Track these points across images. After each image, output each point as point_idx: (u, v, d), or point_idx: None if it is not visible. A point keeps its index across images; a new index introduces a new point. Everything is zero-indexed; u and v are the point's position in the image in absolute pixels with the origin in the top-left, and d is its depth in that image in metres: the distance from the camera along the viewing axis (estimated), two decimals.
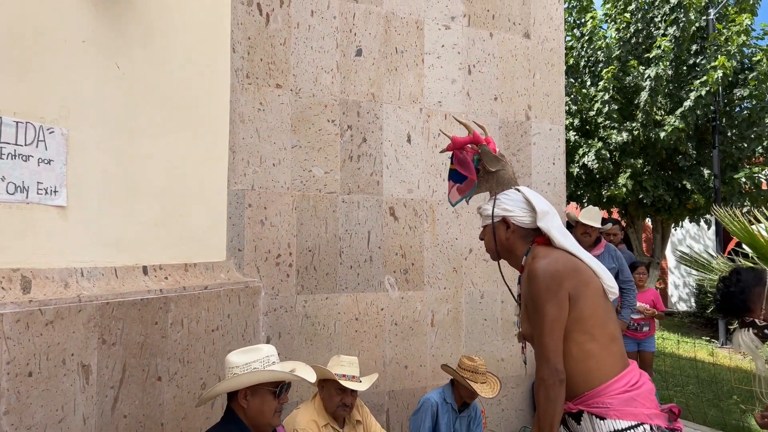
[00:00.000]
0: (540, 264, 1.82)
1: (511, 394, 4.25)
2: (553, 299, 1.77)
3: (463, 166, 2.07)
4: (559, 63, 4.56)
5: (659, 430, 1.75)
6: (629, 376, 1.81)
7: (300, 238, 3.51)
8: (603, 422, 1.75)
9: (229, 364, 2.07)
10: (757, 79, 9.17)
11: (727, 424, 4.92)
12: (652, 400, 1.81)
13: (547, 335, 1.77)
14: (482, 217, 2.09)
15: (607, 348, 1.81)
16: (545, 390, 1.76)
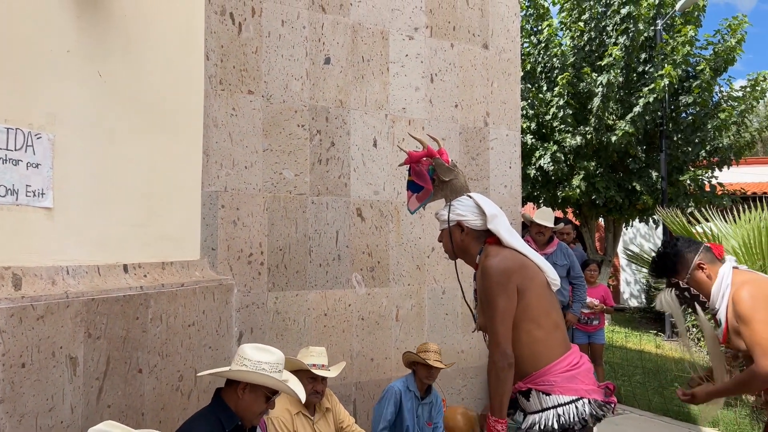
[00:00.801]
0: (491, 262, 2.06)
1: (470, 384, 4.51)
2: (504, 293, 2.01)
3: (419, 178, 2.29)
4: (516, 72, 4.84)
5: (596, 402, 2.01)
6: (571, 358, 2.06)
7: (271, 237, 3.68)
8: (548, 397, 2.00)
9: (243, 354, 2.23)
10: (701, 87, 9.73)
11: (670, 410, 5.30)
12: (590, 378, 2.06)
13: (498, 324, 2.01)
14: (439, 222, 2.32)
15: (551, 334, 2.06)
16: (496, 372, 2.00)
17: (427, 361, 3.54)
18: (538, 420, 2.01)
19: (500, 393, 2.01)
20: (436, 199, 2.40)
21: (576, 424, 1.98)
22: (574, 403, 2.00)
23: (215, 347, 3.22)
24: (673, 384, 5.84)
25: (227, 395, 2.29)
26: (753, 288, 2.34)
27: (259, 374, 2.22)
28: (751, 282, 2.39)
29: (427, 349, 3.63)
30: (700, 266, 2.47)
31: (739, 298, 2.32)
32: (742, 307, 2.29)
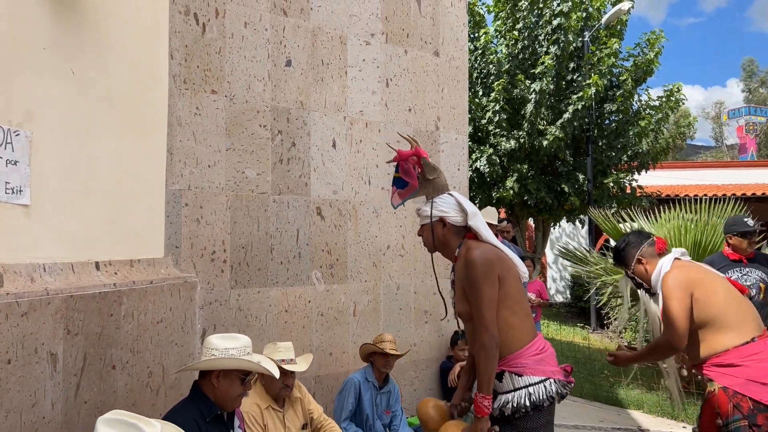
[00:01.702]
0: (475, 254, 2.25)
1: (422, 375, 4.73)
2: (488, 281, 2.21)
3: (407, 175, 2.45)
4: (464, 79, 5.10)
5: (560, 382, 2.25)
6: (539, 343, 2.30)
7: (234, 235, 3.74)
8: (520, 378, 2.23)
9: (209, 345, 2.31)
10: (623, 96, 10.45)
11: (600, 396, 5.73)
12: (554, 361, 2.31)
13: (485, 309, 2.20)
14: (421, 218, 2.49)
15: (523, 321, 2.29)
16: (485, 352, 2.19)
17: (383, 350, 3.73)
18: (511, 399, 2.22)
19: (488, 371, 2.20)
20: (418, 196, 2.56)
21: (545, 402, 2.21)
22: (542, 383, 2.23)
23: (181, 344, 3.26)
24: (602, 372, 6.30)
25: (204, 386, 2.37)
26: (677, 274, 2.74)
27: (230, 359, 2.32)
28: (679, 269, 2.79)
29: (383, 339, 3.82)
30: (639, 260, 2.86)
31: (664, 282, 2.75)
32: (664, 289, 2.73)
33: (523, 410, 2.21)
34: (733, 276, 4.22)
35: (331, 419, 3.46)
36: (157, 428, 1.74)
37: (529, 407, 2.20)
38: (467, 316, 2.33)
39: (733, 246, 4.32)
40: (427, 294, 4.79)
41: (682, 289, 2.70)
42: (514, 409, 2.21)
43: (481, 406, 2.20)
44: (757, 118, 32.91)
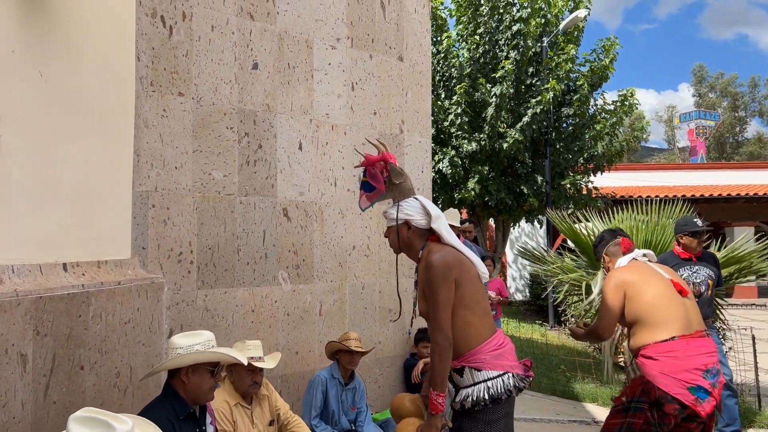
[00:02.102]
0: (435, 257, 2.37)
1: (387, 372, 4.84)
2: (445, 284, 2.32)
3: (374, 179, 2.55)
4: (427, 84, 5.24)
5: (518, 376, 2.39)
6: (497, 339, 2.43)
7: (200, 236, 3.77)
8: (480, 373, 2.35)
9: (173, 345, 2.37)
10: (580, 101, 10.80)
11: (557, 390, 5.96)
12: (513, 355, 2.44)
13: (440, 311, 2.32)
14: (387, 220, 2.59)
15: (481, 319, 2.41)
16: (439, 352, 2.30)
17: (349, 347, 3.83)
18: (471, 393, 2.35)
19: (442, 370, 2.31)
20: (385, 200, 2.66)
21: (503, 395, 2.34)
22: (501, 377, 2.36)
23: (148, 344, 3.29)
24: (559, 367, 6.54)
25: (175, 384, 2.43)
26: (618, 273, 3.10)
27: (196, 354, 2.38)
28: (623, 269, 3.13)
29: (348, 337, 3.92)
30: (603, 258, 3.25)
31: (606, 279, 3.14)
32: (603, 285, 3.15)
33: (483, 403, 2.33)
34: (684, 274, 4.47)
35: (297, 416, 3.53)
36: (129, 424, 1.80)
37: (488, 400, 2.32)
38: (427, 315, 2.45)
39: (683, 245, 4.57)
40: (391, 293, 4.90)
41: (616, 287, 3.02)
42: (474, 403, 2.33)
43: (435, 404, 2.31)
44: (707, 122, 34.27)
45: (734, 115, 43.44)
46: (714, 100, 43.49)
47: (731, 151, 42.40)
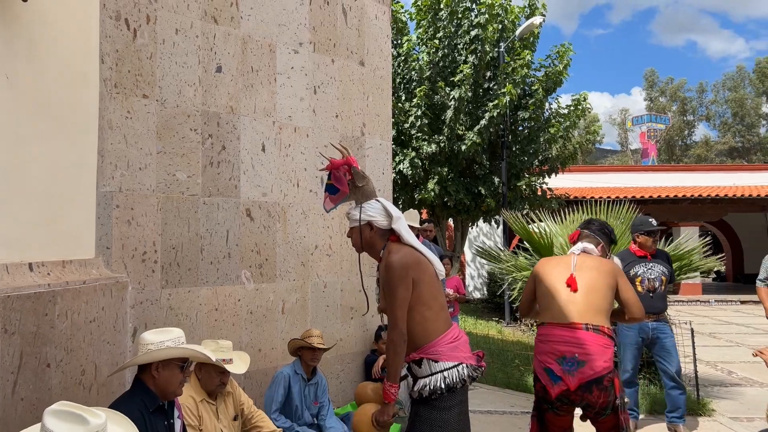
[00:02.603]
0: (394, 258, 2.52)
1: (348, 368, 4.97)
2: (403, 284, 2.48)
3: (338, 182, 2.68)
4: (388, 88, 5.39)
5: (471, 366, 2.56)
6: (453, 333, 2.60)
7: (164, 236, 3.83)
8: (436, 364, 2.51)
9: (144, 341, 2.45)
10: (535, 105, 11.15)
11: (511, 383, 6.20)
12: (467, 347, 2.62)
13: (397, 309, 2.47)
14: (350, 221, 2.72)
15: (438, 314, 2.58)
16: (394, 347, 2.47)
17: (311, 344, 3.95)
18: (428, 382, 2.51)
19: (396, 363, 2.48)
20: (348, 201, 2.79)
21: (458, 383, 2.51)
22: (456, 367, 2.53)
23: (113, 342, 3.34)
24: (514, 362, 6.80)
25: (145, 379, 2.51)
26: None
27: (167, 349, 2.47)
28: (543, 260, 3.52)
29: (310, 334, 4.04)
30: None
31: None
32: None
33: (439, 392, 2.50)
34: (639, 270, 4.75)
35: (260, 411, 3.64)
36: (102, 418, 1.88)
37: (444, 389, 2.49)
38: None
39: (639, 244, 4.85)
40: (353, 291, 5.04)
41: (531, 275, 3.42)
42: (431, 391, 2.50)
43: (388, 393, 2.48)
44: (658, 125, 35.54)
45: (683, 119, 45.20)
46: (664, 104, 45.15)
47: (680, 154, 44.10)
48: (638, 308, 3.16)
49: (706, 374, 6.78)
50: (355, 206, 2.72)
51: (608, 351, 3.01)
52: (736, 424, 5.06)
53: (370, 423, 2.54)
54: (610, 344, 3.03)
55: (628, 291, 3.18)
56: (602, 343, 3.01)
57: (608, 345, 3.02)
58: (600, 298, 3.13)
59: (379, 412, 2.50)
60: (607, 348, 3.01)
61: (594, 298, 3.13)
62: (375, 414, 2.53)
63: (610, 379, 2.98)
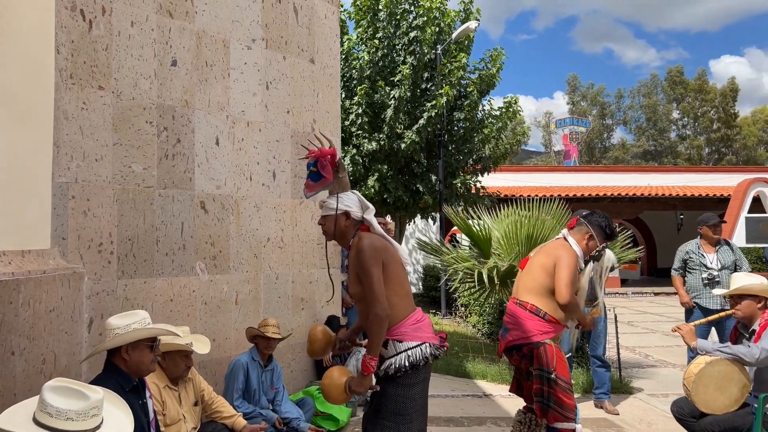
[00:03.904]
0: (366, 243, 2.70)
1: (299, 357, 5.12)
2: (376, 265, 2.67)
3: (324, 169, 2.81)
4: (336, 86, 5.57)
5: (434, 346, 2.77)
6: (416, 315, 2.80)
7: (120, 228, 3.85)
8: (401, 344, 2.71)
9: (110, 326, 2.53)
10: (470, 106, 11.60)
11: (451, 370, 6.52)
12: (430, 329, 2.83)
13: (375, 286, 2.65)
14: (325, 209, 2.85)
15: (403, 299, 2.77)
16: (378, 321, 2.62)
17: (266, 334, 4.08)
18: (393, 361, 2.70)
19: (378, 337, 2.64)
20: (326, 190, 2.93)
21: (421, 362, 2.70)
22: (419, 346, 2.72)
23: (70, 332, 3.36)
24: (453, 349, 7.13)
25: (116, 362, 2.59)
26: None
27: (135, 331, 2.56)
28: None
29: (266, 324, 4.17)
30: None
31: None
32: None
33: (404, 370, 2.69)
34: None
35: (220, 396, 3.74)
36: (100, 393, 1.98)
37: (408, 367, 2.68)
38: (359, 296, 2.78)
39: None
40: (303, 283, 5.19)
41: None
42: (396, 369, 2.69)
43: (367, 365, 2.64)
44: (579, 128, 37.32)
45: (602, 123, 47.73)
46: (585, 108, 47.50)
47: (599, 156, 46.55)
48: (560, 294, 3.29)
49: (626, 358, 7.37)
50: (331, 195, 2.87)
51: (528, 323, 3.37)
52: (653, 399, 5.59)
53: (342, 389, 2.66)
54: (531, 318, 3.38)
55: (558, 273, 3.36)
56: (524, 317, 3.41)
57: (529, 318, 3.38)
58: (530, 278, 3.49)
59: (356, 382, 2.66)
60: (527, 321, 3.38)
61: (527, 278, 3.52)
62: (351, 383, 2.67)
63: (530, 349, 3.31)
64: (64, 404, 1.84)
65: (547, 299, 3.40)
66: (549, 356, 3.31)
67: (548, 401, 3.28)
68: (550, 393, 3.28)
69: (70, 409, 1.85)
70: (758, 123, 43.75)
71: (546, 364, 3.30)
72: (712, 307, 5.22)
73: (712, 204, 18.60)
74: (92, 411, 1.89)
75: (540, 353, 3.32)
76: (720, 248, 5.48)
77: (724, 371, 3.39)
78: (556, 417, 3.26)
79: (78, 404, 1.85)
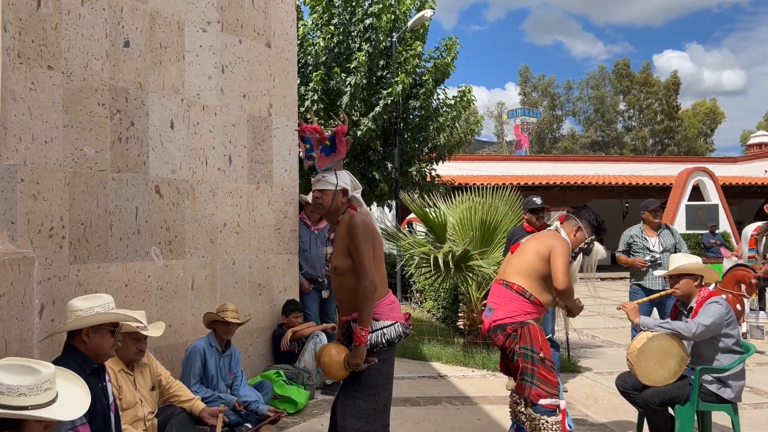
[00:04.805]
0: (358, 219, 2.82)
1: (256, 342, 5.13)
2: (368, 241, 2.80)
3: (340, 145, 2.90)
4: (293, 71, 5.55)
5: (403, 325, 2.92)
6: (390, 297, 2.96)
7: (72, 212, 3.76)
8: (377, 322, 2.86)
9: (73, 308, 2.50)
10: (425, 94, 11.70)
11: (407, 353, 6.65)
12: (400, 310, 2.97)
13: (366, 261, 2.78)
14: (324, 183, 2.89)
15: (382, 280, 2.93)
16: (367, 293, 2.77)
17: (225, 318, 4.09)
18: (372, 337, 2.83)
19: (369, 308, 2.78)
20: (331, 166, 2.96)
21: (395, 339, 2.88)
22: (393, 325, 2.89)
23: (21, 318, 3.29)
24: None
25: (76, 344, 2.56)
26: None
27: (96, 315, 2.55)
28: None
29: (225, 309, 4.17)
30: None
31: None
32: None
33: (381, 345, 2.84)
34: None
35: (178, 381, 3.73)
36: (51, 368, 1.97)
37: (384, 343, 2.84)
38: (343, 270, 2.87)
39: (527, 220, 5.46)
40: (260, 269, 5.19)
41: None
42: (374, 345, 2.84)
43: (360, 336, 2.77)
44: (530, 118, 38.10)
45: (552, 114, 48.84)
46: (536, 99, 48.49)
47: (549, 146, 47.67)
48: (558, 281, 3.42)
49: (574, 339, 7.66)
50: (329, 171, 2.91)
51: (513, 304, 3.50)
52: (600, 377, 5.85)
53: (342, 365, 2.79)
54: (517, 299, 3.50)
55: (553, 262, 3.46)
56: (509, 297, 3.53)
57: (514, 299, 3.51)
58: (522, 261, 3.60)
59: (351, 354, 2.79)
60: (512, 301, 3.50)
61: (517, 261, 3.64)
62: (347, 357, 2.79)
63: (514, 328, 3.44)
64: (15, 380, 1.83)
65: (534, 282, 3.52)
66: (533, 335, 3.45)
67: (533, 379, 3.42)
68: (534, 371, 3.43)
69: (22, 384, 1.84)
70: (698, 115, 45.66)
71: (530, 343, 3.44)
72: (655, 288, 5.49)
73: (655, 192, 19.38)
74: (45, 385, 1.88)
75: (524, 332, 3.46)
76: (661, 232, 5.75)
77: (664, 346, 3.60)
78: (541, 394, 3.40)
79: (29, 379, 1.84)
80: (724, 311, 3.60)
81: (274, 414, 4.11)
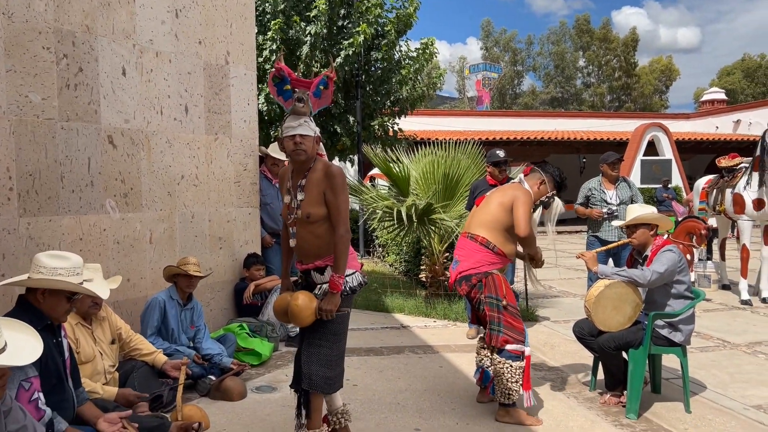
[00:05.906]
0: (336, 168, 2.81)
1: (218, 297, 5.08)
2: (346, 189, 2.82)
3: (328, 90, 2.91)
4: (251, 17, 5.33)
5: (362, 275, 3.00)
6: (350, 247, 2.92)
7: (19, 162, 3.58)
8: None
9: (38, 262, 2.38)
10: (387, 45, 11.47)
11: (370, 305, 6.71)
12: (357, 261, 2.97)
13: (344, 209, 2.81)
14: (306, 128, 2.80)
15: None
16: (344, 241, 2.80)
17: (188, 272, 4.02)
18: None
19: (344, 256, 2.80)
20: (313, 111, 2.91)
21: (357, 287, 2.93)
22: (354, 274, 2.94)
23: None
24: (372, 285, 7.32)
25: (31, 299, 2.46)
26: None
27: (55, 280, 2.43)
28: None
29: (187, 262, 4.10)
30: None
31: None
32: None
33: (345, 293, 2.86)
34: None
35: (138, 334, 3.67)
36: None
37: (348, 291, 2.88)
38: (316, 217, 2.82)
39: (490, 173, 5.47)
40: (221, 222, 5.09)
41: None
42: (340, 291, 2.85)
43: (336, 283, 2.78)
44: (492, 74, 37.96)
45: (513, 69, 48.84)
46: (498, 54, 48.30)
47: (510, 102, 47.85)
48: (520, 228, 3.49)
49: (532, 289, 7.86)
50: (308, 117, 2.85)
51: (477, 255, 3.57)
52: (556, 325, 6.04)
53: (313, 311, 2.77)
54: (481, 250, 3.58)
55: (516, 211, 3.53)
56: (474, 249, 3.60)
57: (479, 251, 3.58)
58: (486, 213, 3.66)
59: (326, 301, 2.78)
60: (477, 253, 3.58)
61: (482, 213, 3.69)
62: (320, 304, 2.78)
63: (479, 279, 3.51)
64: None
65: (498, 234, 3.59)
66: (497, 284, 3.54)
67: (499, 326, 3.51)
68: (500, 318, 3.52)
69: None
70: (655, 72, 46.42)
71: (495, 292, 3.53)
72: (611, 239, 5.63)
73: (612, 147, 19.74)
74: None
75: (488, 282, 3.54)
76: (619, 185, 5.88)
77: (620, 293, 3.72)
78: (507, 339, 3.50)
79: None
80: (677, 259, 3.72)
81: (238, 366, 4.10)
